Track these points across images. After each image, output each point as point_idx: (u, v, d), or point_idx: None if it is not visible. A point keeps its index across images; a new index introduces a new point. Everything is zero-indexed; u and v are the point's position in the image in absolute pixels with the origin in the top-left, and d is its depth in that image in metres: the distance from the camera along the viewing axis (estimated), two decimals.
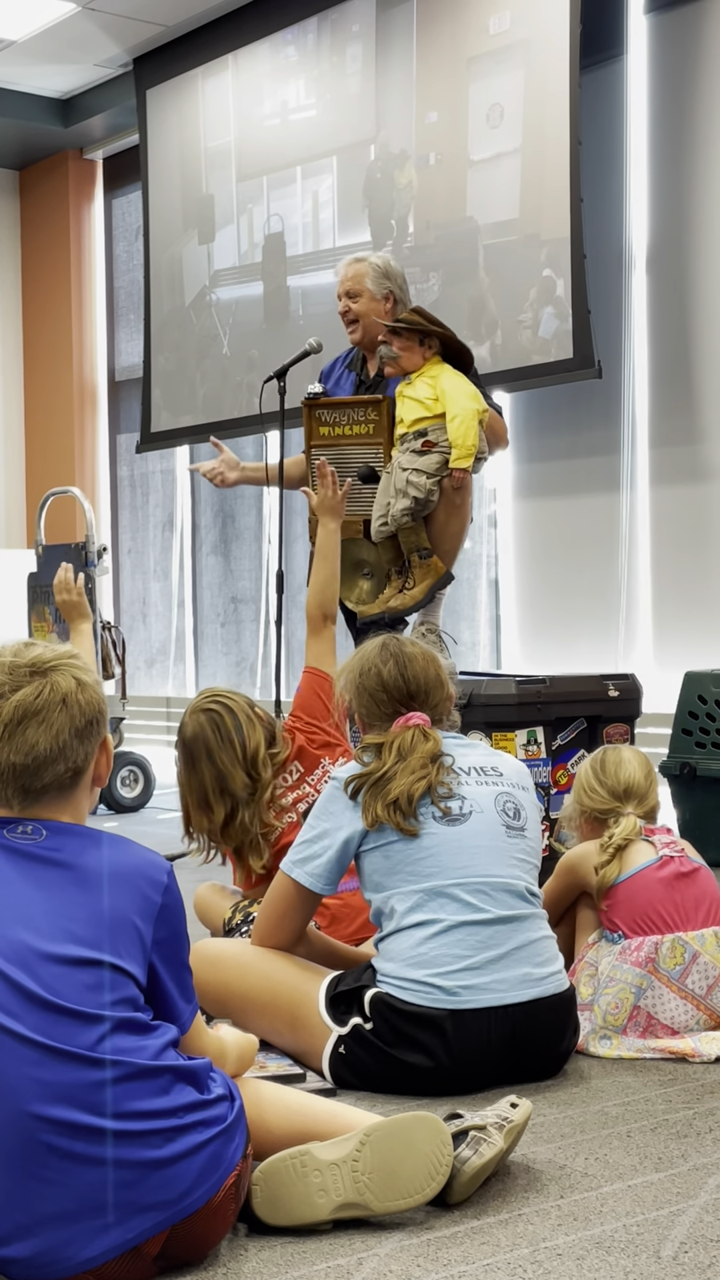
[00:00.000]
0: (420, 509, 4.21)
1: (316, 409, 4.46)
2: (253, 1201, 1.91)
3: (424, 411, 4.20)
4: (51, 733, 1.89)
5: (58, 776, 1.91)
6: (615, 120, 5.97)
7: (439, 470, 4.18)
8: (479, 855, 2.58)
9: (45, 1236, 1.71)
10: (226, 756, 3.28)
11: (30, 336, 9.39)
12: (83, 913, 1.83)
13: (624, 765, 3.04)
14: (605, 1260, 1.85)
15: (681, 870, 2.88)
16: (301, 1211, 1.91)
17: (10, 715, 1.88)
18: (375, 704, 2.76)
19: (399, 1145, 1.93)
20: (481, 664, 6.60)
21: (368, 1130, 1.94)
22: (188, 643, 8.47)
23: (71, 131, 8.68)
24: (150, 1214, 1.74)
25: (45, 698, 1.89)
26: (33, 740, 1.88)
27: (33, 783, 1.90)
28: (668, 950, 2.79)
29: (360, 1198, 1.92)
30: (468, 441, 4.13)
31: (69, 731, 1.90)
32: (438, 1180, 1.94)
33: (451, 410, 4.15)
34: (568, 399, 6.15)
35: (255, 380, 7.25)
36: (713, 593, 5.72)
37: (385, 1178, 1.92)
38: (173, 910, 1.89)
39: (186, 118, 7.82)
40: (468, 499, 4.26)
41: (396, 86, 6.58)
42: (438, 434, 4.18)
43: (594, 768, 3.06)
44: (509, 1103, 2.10)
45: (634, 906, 2.84)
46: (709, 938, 2.82)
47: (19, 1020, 1.74)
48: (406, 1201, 1.93)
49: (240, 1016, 2.67)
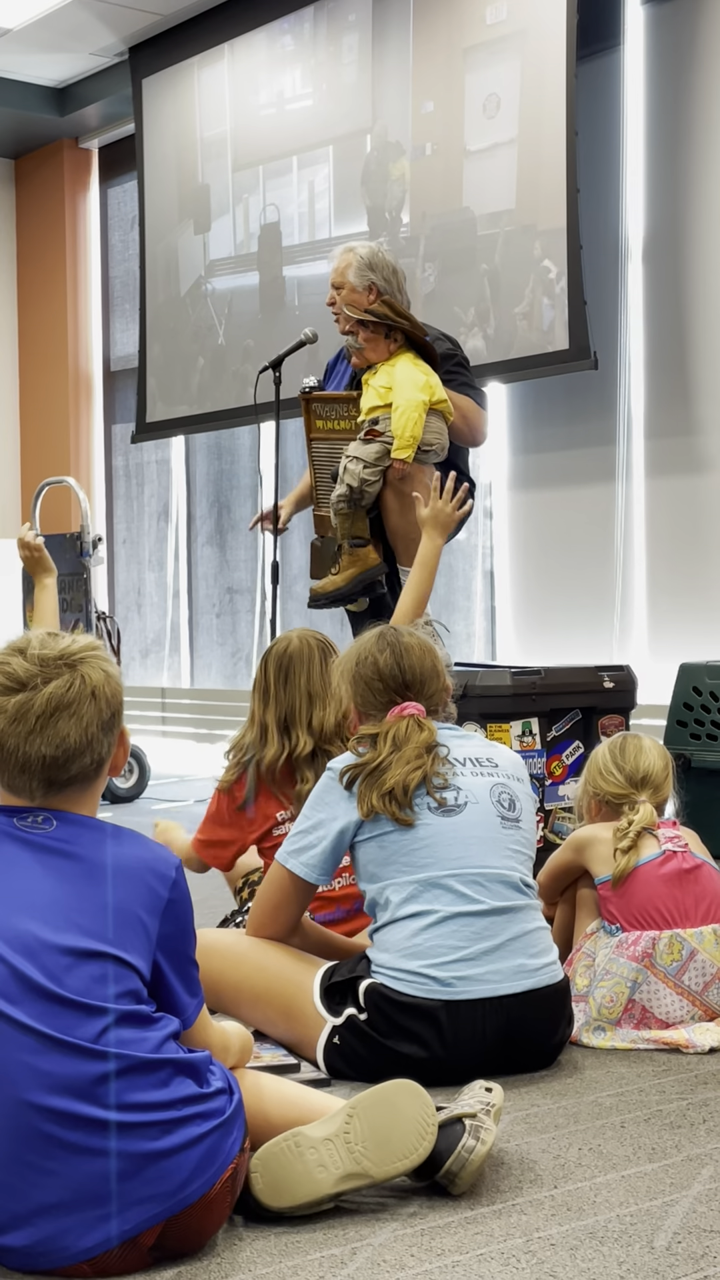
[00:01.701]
0: (356, 497, 4.16)
1: (312, 402, 4.45)
2: (254, 1189, 1.92)
3: (378, 400, 4.19)
4: (82, 725, 1.90)
5: (84, 769, 1.92)
6: (612, 111, 5.97)
7: (379, 459, 4.15)
8: (474, 846, 2.59)
9: (42, 1226, 1.72)
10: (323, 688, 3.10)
11: (25, 326, 9.37)
12: (90, 905, 1.83)
13: (644, 753, 3.02)
14: (599, 1250, 1.85)
15: (683, 866, 2.87)
16: (305, 1190, 1.92)
17: (44, 707, 1.88)
18: (371, 693, 2.76)
19: (386, 1111, 1.96)
20: (476, 655, 6.61)
21: (352, 1103, 1.97)
22: (183, 633, 8.47)
23: (67, 120, 8.66)
24: (147, 1205, 1.74)
25: (76, 690, 1.90)
26: (64, 732, 1.89)
27: (60, 775, 1.90)
28: (665, 946, 2.79)
29: (359, 1166, 1.94)
30: (407, 433, 4.09)
31: (97, 724, 1.91)
32: (427, 1141, 1.97)
33: (396, 400, 4.12)
34: (563, 390, 6.14)
35: (250, 370, 7.24)
36: (708, 584, 5.72)
37: (379, 1144, 1.94)
38: (180, 905, 1.90)
39: (182, 107, 7.81)
40: (420, 489, 4.17)
41: (393, 76, 6.56)
42: (385, 423, 4.15)
43: (612, 752, 3.04)
44: (483, 1088, 2.11)
45: (634, 901, 2.84)
46: (708, 935, 2.82)
47: (20, 1009, 1.74)
48: (403, 1164, 1.95)
49: (234, 1007, 2.68)
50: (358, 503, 4.19)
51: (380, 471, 4.15)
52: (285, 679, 3.14)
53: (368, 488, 4.15)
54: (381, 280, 4.49)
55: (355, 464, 4.14)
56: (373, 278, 4.49)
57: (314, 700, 3.12)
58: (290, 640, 3.19)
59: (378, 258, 4.52)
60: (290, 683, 3.13)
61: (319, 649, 3.17)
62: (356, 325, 4.26)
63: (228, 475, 8.05)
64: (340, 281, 4.52)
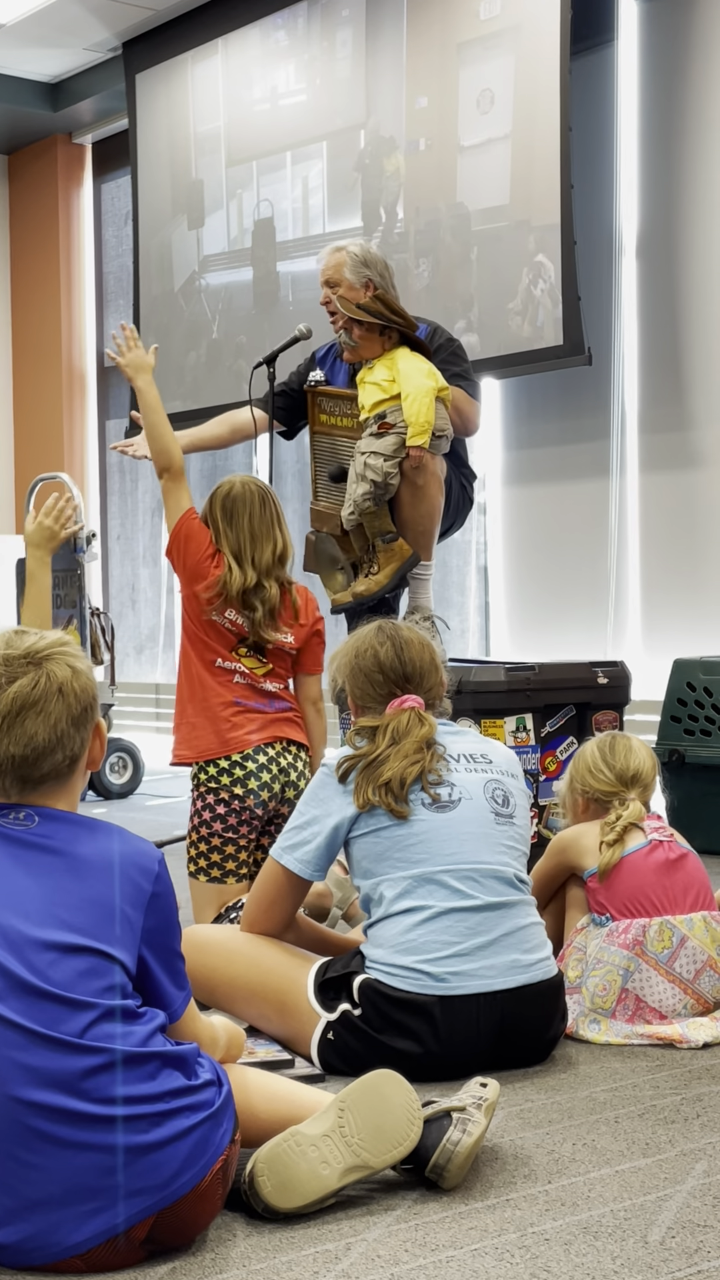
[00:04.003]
0: (381, 492, 4.15)
1: (318, 396, 4.46)
2: (263, 1193, 1.92)
3: (382, 394, 4.17)
4: (50, 723, 1.89)
5: (56, 765, 1.92)
6: (605, 106, 5.96)
7: (397, 451, 4.13)
8: (468, 842, 2.59)
9: (32, 1221, 1.72)
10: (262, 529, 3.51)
11: (18, 322, 9.36)
12: (74, 900, 1.83)
13: (634, 752, 3.05)
14: (593, 1245, 1.85)
15: (670, 855, 2.89)
16: (313, 1187, 1.94)
17: (8, 707, 1.88)
18: (371, 685, 2.76)
19: (375, 1102, 1.98)
20: (470, 651, 6.61)
21: (341, 1098, 1.98)
22: (176, 629, 8.43)
23: (60, 116, 8.65)
24: (138, 1198, 1.74)
25: (42, 688, 1.90)
26: (31, 731, 1.89)
27: (32, 773, 1.91)
28: (655, 933, 2.79)
29: (359, 1158, 1.95)
30: (421, 418, 4.07)
31: (66, 720, 1.91)
32: (417, 1125, 1.99)
33: (405, 389, 4.09)
34: (558, 385, 6.14)
35: (244, 366, 7.24)
36: (702, 580, 5.72)
37: (373, 1134, 1.96)
38: (164, 898, 1.90)
39: (176, 102, 7.80)
40: (431, 480, 4.21)
41: (387, 72, 6.56)
42: (395, 415, 4.13)
43: (602, 751, 3.05)
44: (478, 1083, 2.12)
45: (623, 890, 2.85)
46: (697, 922, 2.83)
47: (6, 1004, 1.74)
48: (399, 1150, 1.97)
49: (228, 1003, 2.67)
50: (382, 498, 4.17)
51: (398, 463, 4.14)
52: (230, 519, 3.51)
53: (391, 480, 4.13)
54: (377, 276, 4.51)
55: (376, 459, 4.11)
56: (368, 274, 4.50)
57: (255, 539, 3.50)
58: (233, 484, 3.55)
59: (370, 254, 4.55)
60: (235, 523, 3.51)
61: (258, 494, 3.54)
62: (351, 323, 4.26)
63: (221, 471, 8.05)
64: (337, 279, 4.53)
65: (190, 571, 3.53)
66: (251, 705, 3.51)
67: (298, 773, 3.50)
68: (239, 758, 3.45)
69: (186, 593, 3.57)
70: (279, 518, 3.56)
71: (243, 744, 3.46)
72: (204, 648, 3.54)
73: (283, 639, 3.54)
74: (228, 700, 3.50)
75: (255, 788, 3.43)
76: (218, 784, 3.45)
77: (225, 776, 3.44)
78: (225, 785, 3.44)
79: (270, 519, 3.53)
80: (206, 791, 3.46)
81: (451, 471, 4.41)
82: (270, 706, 3.53)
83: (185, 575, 3.55)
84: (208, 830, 3.45)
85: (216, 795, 3.45)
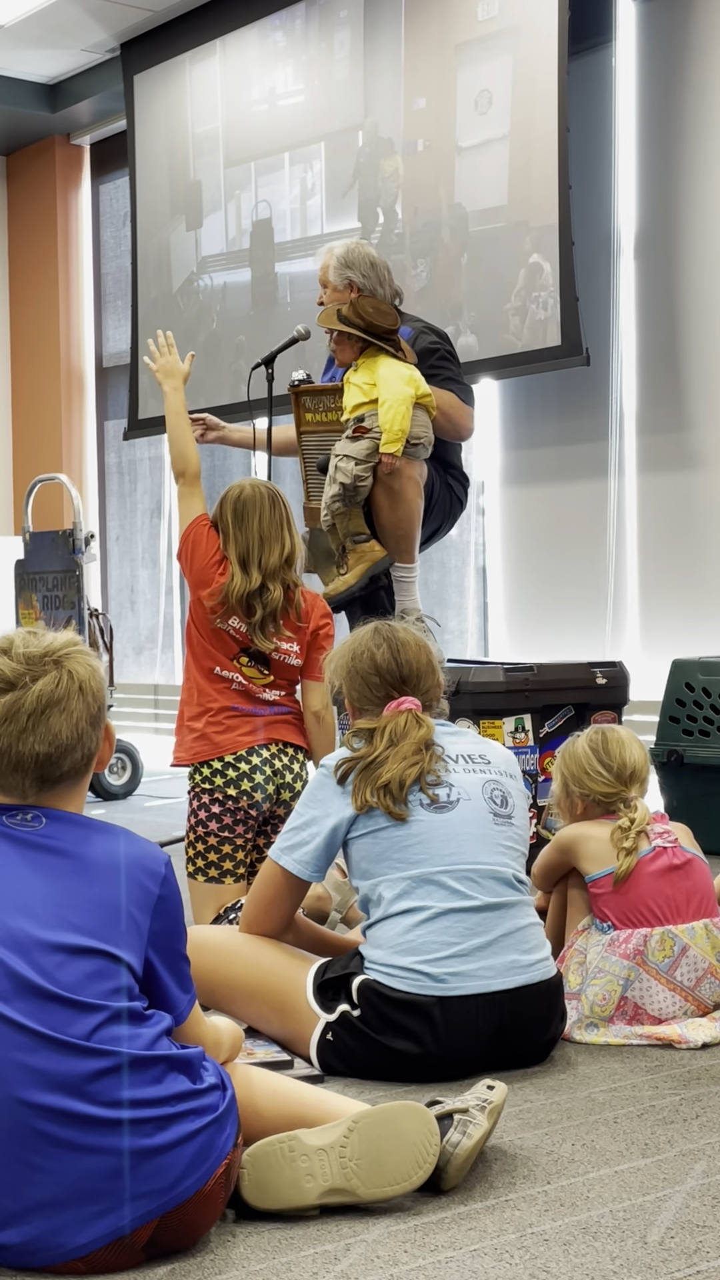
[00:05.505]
0: (351, 494, 4.17)
1: (301, 395, 4.46)
2: (240, 1185, 1.92)
3: (362, 397, 4.20)
4: (72, 721, 1.91)
5: (75, 764, 1.93)
6: (604, 107, 5.97)
7: (369, 456, 4.15)
8: (467, 842, 2.59)
9: (36, 1224, 1.72)
10: (271, 532, 3.51)
11: (17, 323, 9.36)
12: (81, 901, 1.83)
13: (626, 747, 2.99)
14: (592, 1245, 1.85)
15: (674, 862, 2.87)
16: (289, 1196, 1.92)
17: (35, 705, 1.89)
18: (368, 687, 2.76)
19: (387, 1133, 1.94)
20: (469, 652, 6.61)
21: (355, 1118, 1.95)
22: (175, 630, 8.46)
23: (59, 117, 8.65)
24: (141, 1202, 1.74)
25: (65, 686, 1.91)
26: (56, 729, 1.89)
27: (53, 771, 1.91)
28: (657, 943, 2.79)
29: (347, 1184, 1.93)
30: (395, 426, 4.10)
31: (86, 719, 1.92)
32: (424, 1169, 1.95)
33: (382, 395, 4.13)
34: (556, 386, 6.15)
35: (243, 367, 7.24)
36: (700, 580, 5.73)
37: (372, 1165, 1.93)
38: (170, 901, 1.90)
39: (174, 103, 7.80)
40: (409, 484, 4.21)
41: (385, 72, 6.56)
42: (372, 420, 4.16)
43: (595, 750, 2.99)
44: (485, 1085, 2.12)
45: (625, 899, 2.84)
46: (699, 930, 2.82)
47: (13, 1006, 1.74)
48: (392, 1189, 1.94)
49: (227, 1003, 2.68)
50: (352, 500, 4.19)
51: (371, 468, 4.15)
52: (241, 521, 3.52)
53: (360, 484, 4.16)
54: (360, 276, 4.50)
55: (346, 462, 4.15)
56: (350, 275, 4.50)
57: (265, 541, 3.50)
58: (244, 488, 3.57)
59: (353, 254, 4.52)
60: (245, 525, 3.51)
61: (268, 496, 3.54)
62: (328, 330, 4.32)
63: (220, 472, 8.05)
64: (324, 280, 4.57)
65: (196, 577, 3.55)
66: (246, 710, 3.52)
67: (294, 775, 3.51)
68: (233, 759, 3.46)
69: (193, 598, 3.58)
70: (288, 520, 3.56)
71: (236, 745, 3.47)
72: (204, 654, 3.55)
73: (285, 648, 3.54)
74: (222, 706, 3.51)
75: (249, 788, 3.44)
76: (212, 785, 3.46)
77: (219, 778, 3.46)
78: (220, 786, 3.45)
79: (280, 521, 3.54)
80: (202, 792, 3.48)
81: (435, 475, 4.43)
82: (267, 711, 3.54)
83: (192, 580, 3.58)
84: (204, 830, 3.46)
85: (211, 795, 3.46)
